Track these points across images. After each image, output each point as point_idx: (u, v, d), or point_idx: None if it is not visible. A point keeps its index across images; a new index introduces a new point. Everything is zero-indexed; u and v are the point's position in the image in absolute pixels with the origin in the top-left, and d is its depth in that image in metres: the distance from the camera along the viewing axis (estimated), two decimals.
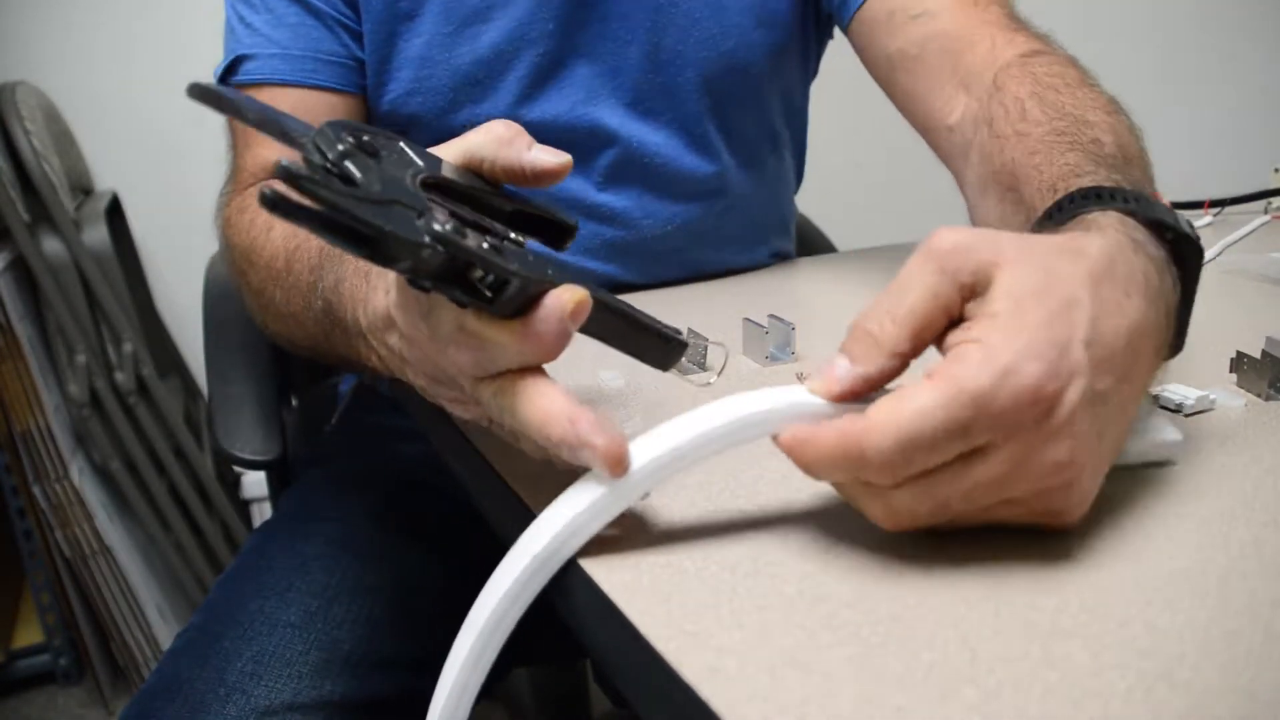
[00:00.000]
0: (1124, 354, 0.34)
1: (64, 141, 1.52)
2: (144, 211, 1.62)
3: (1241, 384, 0.50)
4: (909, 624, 0.31)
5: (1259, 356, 0.49)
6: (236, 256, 0.68)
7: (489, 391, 0.38)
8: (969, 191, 0.61)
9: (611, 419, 0.50)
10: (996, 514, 0.34)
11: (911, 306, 0.34)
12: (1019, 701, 0.27)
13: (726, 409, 0.36)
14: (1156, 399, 0.48)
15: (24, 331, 1.37)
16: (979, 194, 0.59)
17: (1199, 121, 2.21)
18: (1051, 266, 0.34)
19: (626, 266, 0.81)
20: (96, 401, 1.43)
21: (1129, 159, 0.49)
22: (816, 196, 0.95)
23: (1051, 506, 0.34)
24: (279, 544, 0.73)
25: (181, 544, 1.53)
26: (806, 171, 0.96)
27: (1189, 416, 0.47)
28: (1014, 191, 0.52)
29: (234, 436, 0.84)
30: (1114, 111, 0.55)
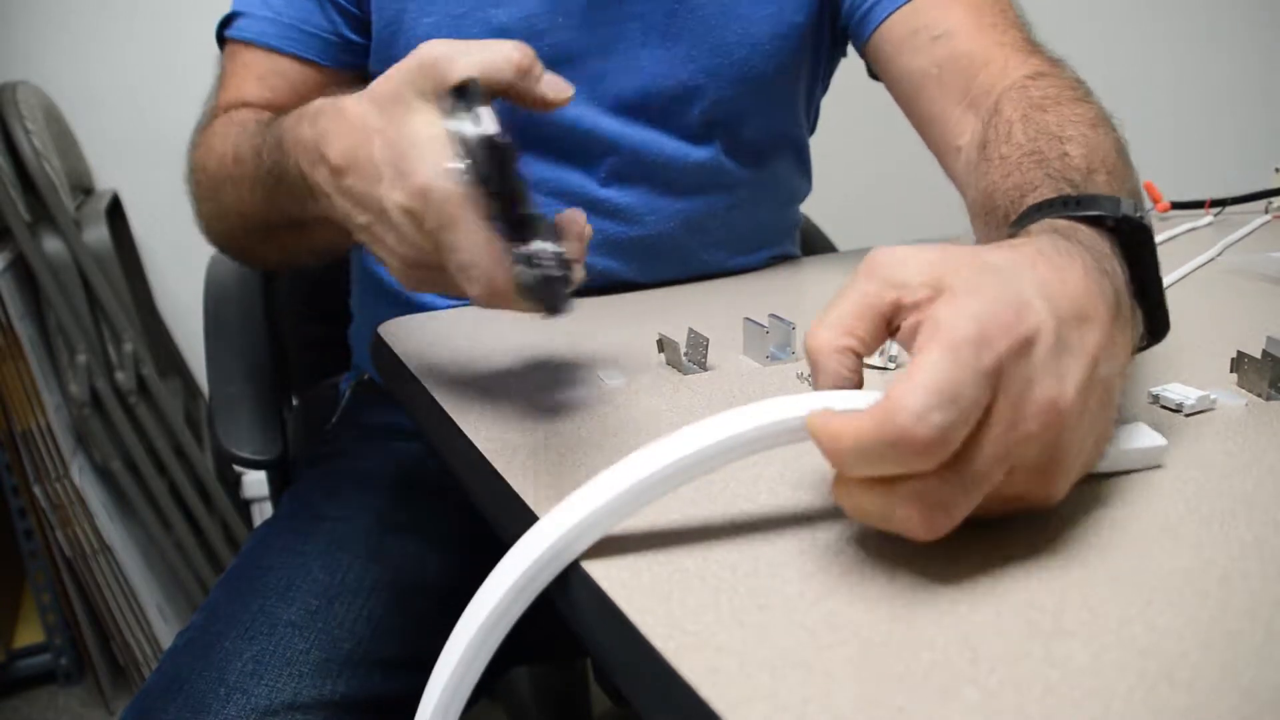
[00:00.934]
0: (1080, 310, 0.35)
1: (64, 141, 1.52)
2: (144, 211, 1.63)
3: (1242, 384, 0.50)
4: (909, 624, 0.31)
5: (1260, 356, 0.50)
6: (194, 169, 0.73)
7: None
8: (969, 214, 0.62)
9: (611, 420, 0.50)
10: (1001, 492, 0.34)
11: (841, 308, 0.36)
12: (1019, 701, 0.27)
13: (742, 419, 0.35)
14: (1157, 399, 0.48)
15: (24, 331, 1.37)
16: (973, 217, 0.60)
17: (1200, 121, 2.21)
18: (987, 261, 0.36)
19: (628, 263, 0.81)
20: (97, 401, 1.43)
21: (1094, 168, 0.50)
22: (816, 196, 0.95)
23: (1040, 461, 0.34)
24: (279, 543, 0.73)
25: (182, 544, 1.53)
26: None
27: (1189, 416, 0.47)
28: (992, 215, 0.54)
29: (234, 436, 0.84)
30: (1096, 125, 0.55)
